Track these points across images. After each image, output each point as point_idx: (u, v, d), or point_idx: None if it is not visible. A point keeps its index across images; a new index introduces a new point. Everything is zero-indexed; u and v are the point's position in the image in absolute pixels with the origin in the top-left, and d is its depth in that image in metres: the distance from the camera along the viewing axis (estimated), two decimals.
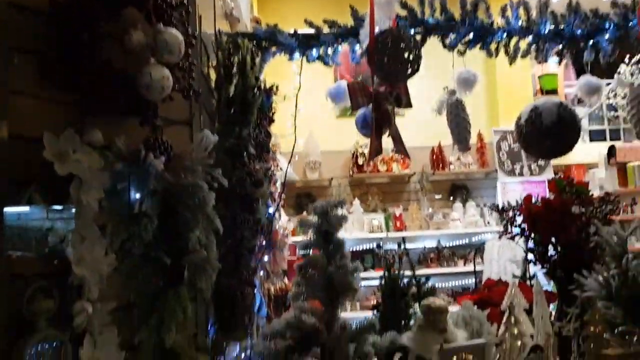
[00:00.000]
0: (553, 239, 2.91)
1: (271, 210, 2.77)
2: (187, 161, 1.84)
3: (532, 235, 2.97)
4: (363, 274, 6.84)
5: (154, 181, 1.71)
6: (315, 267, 1.83)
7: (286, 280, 3.46)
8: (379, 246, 6.77)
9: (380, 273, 2.88)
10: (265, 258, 2.72)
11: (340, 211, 1.92)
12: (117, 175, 1.66)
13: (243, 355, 2.34)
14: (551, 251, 2.94)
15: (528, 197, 2.95)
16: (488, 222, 6.75)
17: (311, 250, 1.87)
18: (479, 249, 6.17)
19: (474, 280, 6.20)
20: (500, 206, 3.08)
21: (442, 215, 6.77)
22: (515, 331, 2.34)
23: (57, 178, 1.50)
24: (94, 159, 1.58)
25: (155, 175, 1.71)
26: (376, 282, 3.75)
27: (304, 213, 6.77)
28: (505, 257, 6.26)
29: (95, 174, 1.57)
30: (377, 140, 2.62)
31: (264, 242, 2.68)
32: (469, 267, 6.63)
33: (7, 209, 1.42)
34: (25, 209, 1.50)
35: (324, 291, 1.82)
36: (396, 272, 2.38)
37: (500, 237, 6.84)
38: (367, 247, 6.81)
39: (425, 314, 2.31)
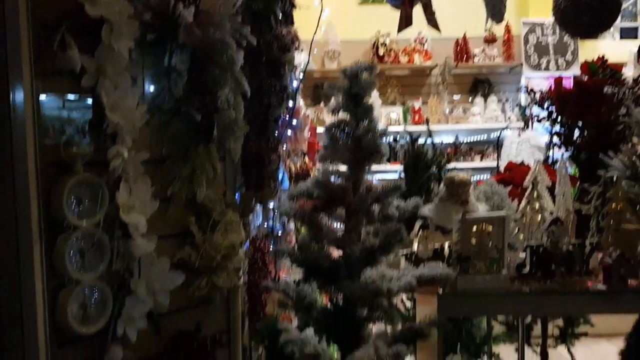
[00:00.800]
0: (580, 122, 2.88)
1: (295, 83, 2.74)
2: (216, 16, 1.79)
3: (559, 118, 2.95)
4: (378, 167, 6.93)
5: (183, 34, 1.67)
6: (343, 129, 1.83)
7: (306, 159, 3.49)
8: (395, 140, 6.75)
9: (396, 167, 2.87)
10: (289, 132, 2.72)
11: (370, 75, 1.89)
12: (146, 26, 1.63)
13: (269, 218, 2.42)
14: (576, 135, 2.93)
15: (559, 79, 2.89)
16: (509, 118, 6.66)
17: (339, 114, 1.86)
18: (497, 145, 6.13)
19: (490, 175, 6.23)
20: (525, 99, 3.03)
21: (462, 110, 6.68)
22: (537, 205, 2.37)
23: (88, 22, 1.47)
24: (124, 5, 1.53)
25: (185, 27, 1.67)
26: (392, 176, 3.75)
27: (321, 104, 6.71)
28: (524, 153, 6.23)
29: (125, 21, 1.53)
30: (407, 9, 2.52)
31: (287, 117, 2.67)
32: (486, 163, 6.64)
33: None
34: (41, 97, 1.47)
35: (352, 153, 1.83)
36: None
37: (520, 133, 6.72)
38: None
39: (448, 187, 2.35)
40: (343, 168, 1.90)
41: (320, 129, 4.98)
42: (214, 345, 1.93)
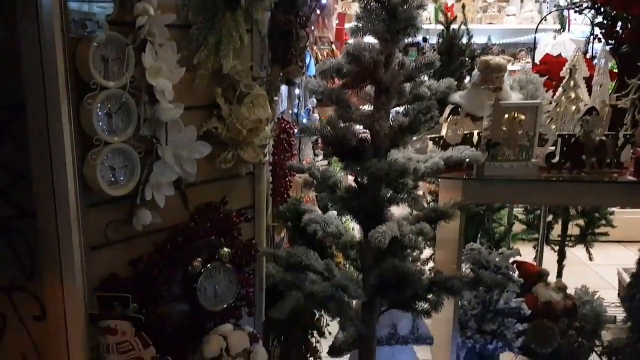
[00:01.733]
0: (625, 14, 2.72)
1: None
2: None
3: (603, 9, 2.78)
4: None
5: None
6: (377, 0, 1.73)
7: (333, 47, 3.39)
8: (425, 39, 6.51)
9: None
10: (318, 12, 2.61)
11: None
12: None
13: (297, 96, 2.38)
14: (618, 27, 2.78)
15: None
16: (545, 20, 6.34)
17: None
18: (534, 46, 5.89)
19: None
20: None
21: (497, 9, 6.37)
22: (572, 95, 2.28)
23: None
24: None
25: None
26: None
27: None
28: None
29: None
30: None
31: None
32: (518, 67, 6.41)
33: None
34: None
35: (385, 25, 1.74)
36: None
37: (555, 36, 6.42)
38: (412, 41, 6.55)
39: (483, 71, 2.26)
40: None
41: (347, 25, 4.79)
42: (239, 218, 1.96)
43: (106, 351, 1.54)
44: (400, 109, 1.90)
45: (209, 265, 1.81)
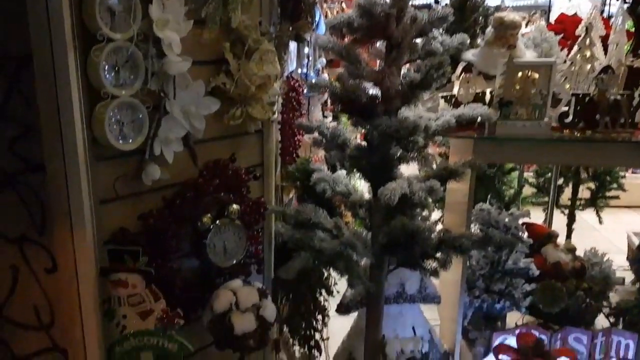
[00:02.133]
0: None
1: None
2: None
3: None
4: None
5: None
6: None
7: (343, 5, 3.33)
8: (436, 1, 6.38)
9: None
10: None
11: None
12: None
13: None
14: None
15: None
16: None
17: None
18: (548, 9, 5.77)
19: None
20: None
21: None
22: (588, 54, 2.23)
23: None
24: None
25: None
26: None
27: None
28: None
29: None
30: None
31: None
32: (529, 30, 6.30)
33: None
34: None
35: None
36: None
37: None
38: (423, 2, 6.44)
39: (496, 29, 2.21)
40: None
41: None
42: (248, 175, 1.95)
43: (117, 303, 1.56)
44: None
45: (217, 222, 1.81)
